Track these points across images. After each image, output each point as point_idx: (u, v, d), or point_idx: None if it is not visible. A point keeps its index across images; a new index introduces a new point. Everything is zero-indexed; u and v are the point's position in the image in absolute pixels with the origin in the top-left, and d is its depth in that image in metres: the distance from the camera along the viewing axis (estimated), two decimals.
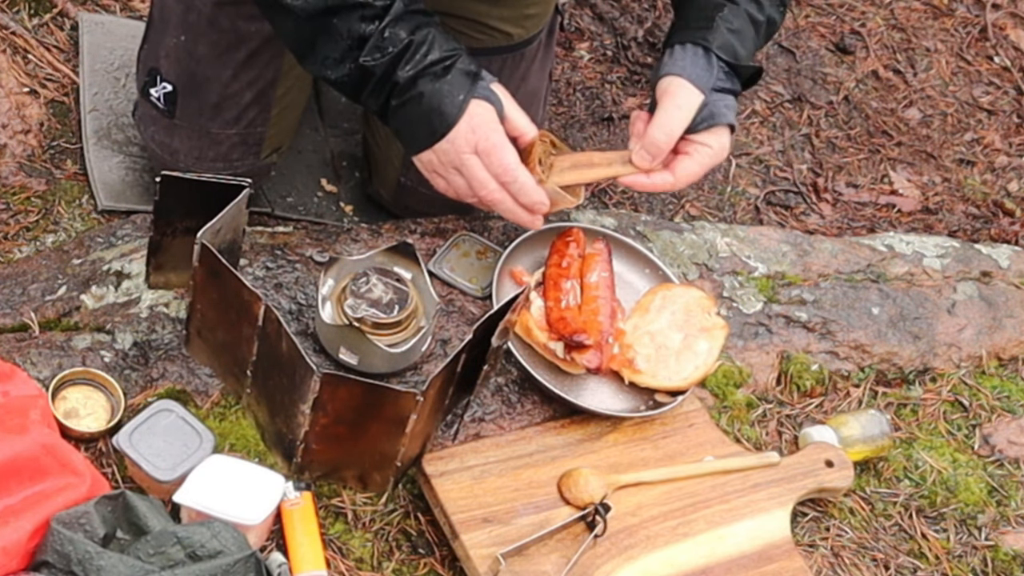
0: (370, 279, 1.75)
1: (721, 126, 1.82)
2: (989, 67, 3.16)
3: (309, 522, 1.65)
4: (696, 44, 1.81)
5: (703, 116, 1.81)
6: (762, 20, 1.86)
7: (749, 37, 1.84)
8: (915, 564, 1.90)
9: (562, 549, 1.69)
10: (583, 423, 1.83)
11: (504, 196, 1.74)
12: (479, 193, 1.74)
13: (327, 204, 2.39)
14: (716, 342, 1.87)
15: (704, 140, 1.82)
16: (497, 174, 1.72)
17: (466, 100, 1.70)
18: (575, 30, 2.89)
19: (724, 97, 1.82)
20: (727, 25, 1.82)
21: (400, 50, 1.69)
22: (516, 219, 1.77)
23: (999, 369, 2.17)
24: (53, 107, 2.34)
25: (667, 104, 1.80)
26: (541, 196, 1.74)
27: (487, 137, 1.71)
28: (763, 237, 2.17)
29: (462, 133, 1.71)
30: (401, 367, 1.80)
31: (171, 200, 1.68)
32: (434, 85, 1.70)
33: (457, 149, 1.72)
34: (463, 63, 1.72)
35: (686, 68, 1.80)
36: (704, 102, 1.80)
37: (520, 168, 1.72)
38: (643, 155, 1.81)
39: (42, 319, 1.80)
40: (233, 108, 2.10)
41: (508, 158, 1.71)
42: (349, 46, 1.71)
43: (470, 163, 1.72)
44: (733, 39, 1.82)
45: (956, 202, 2.86)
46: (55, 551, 1.48)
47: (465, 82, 1.71)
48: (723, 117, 1.82)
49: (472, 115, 1.71)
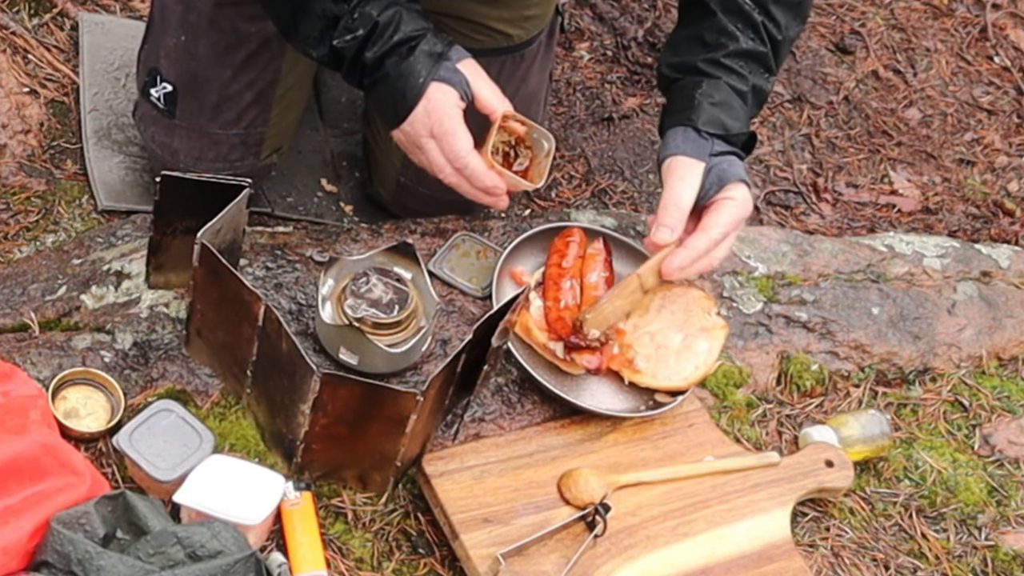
0: (370, 279, 1.75)
1: (734, 182, 1.80)
2: (989, 67, 3.16)
3: (309, 522, 1.65)
4: (684, 125, 1.81)
5: (711, 181, 1.79)
6: (746, 90, 1.84)
7: (736, 107, 1.83)
8: (915, 564, 1.90)
9: (562, 549, 1.69)
10: (583, 423, 1.83)
11: (460, 180, 1.75)
12: (438, 176, 1.76)
13: (327, 204, 2.39)
14: (716, 342, 1.87)
15: (722, 196, 1.79)
16: (450, 159, 1.74)
17: (425, 83, 1.71)
18: (575, 30, 2.89)
19: (726, 158, 1.81)
20: (708, 100, 1.81)
21: (367, 31, 1.71)
22: (478, 200, 1.78)
23: (999, 369, 2.17)
24: (53, 107, 2.34)
25: (671, 180, 1.79)
26: (493, 181, 1.75)
27: (440, 123, 1.72)
28: (763, 237, 2.17)
29: (419, 117, 1.73)
30: (401, 367, 1.80)
31: (171, 200, 1.68)
32: (399, 66, 1.72)
33: (416, 132, 1.74)
34: (428, 43, 1.73)
35: (679, 146, 1.80)
36: (707, 168, 1.79)
37: (471, 154, 1.73)
38: (662, 230, 1.77)
39: (42, 319, 1.80)
40: (233, 108, 2.10)
41: (459, 144, 1.72)
42: (325, 26, 1.73)
43: (427, 147, 1.74)
44: (718, 112, 1.81)
45: (956, 202, 2.85)
46: (55, 551, 1.48)
47: (427, 63, 1.72)
48: (733, 175, 1.80)
49: (429, 99, 1.72)
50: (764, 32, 1.85)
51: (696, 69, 1.83)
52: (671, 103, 1.87)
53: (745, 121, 1.84)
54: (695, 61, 1.84)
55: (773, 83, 1.90)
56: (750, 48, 1.84)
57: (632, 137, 2.73)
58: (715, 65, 1.83)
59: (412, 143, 1.76)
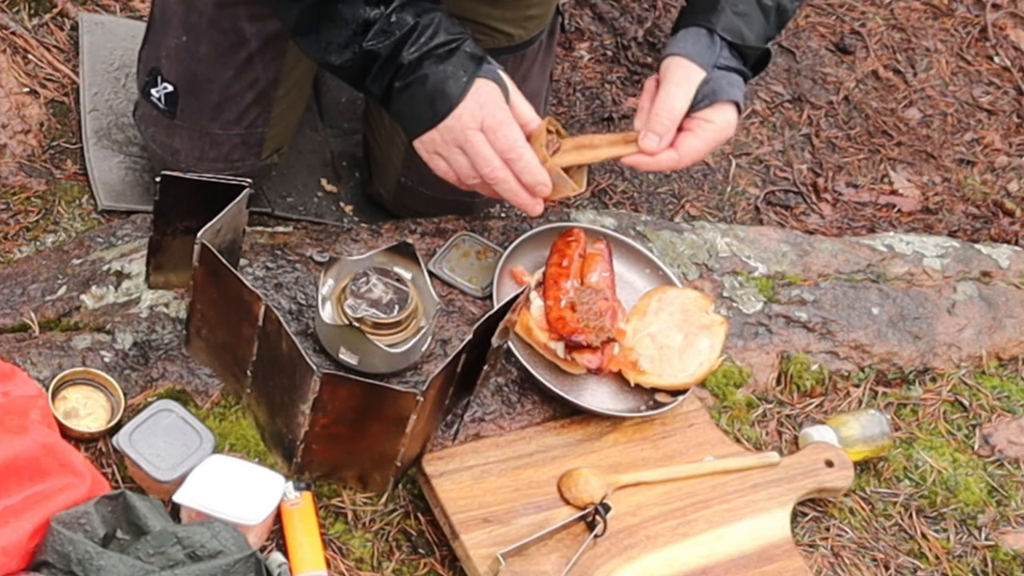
0: (370, 279, 1.75)
1: (724, 102, 1.80)
2: (989, 67, 3.16)
3: (309, 522, 1.65)
4: (699, 26, 1.80)
5: (705, 93, 1.79)
6: (771, 5, 1.84)
7: (757, 21, 1.83)
8: (915, 564, 1.90)
9: (562, 549, 1.69)
10: (583, 423, 1.83)
11: (507, 174, 1.73)
12: (483, 171, 1.73)
13: (327, 204, 2.39)
14: (717, 338, 1.87)
15: (707, 116, 1.79)
16: (502, 150, 1.71)
17: (471, 79, 1.70)
18: (575, 30, 2.89)
19: (728, 75, 1.80)
20: (732, 8, 1.81)
21: (405, 32, 1.70)
22: (517, 200, 1.75)
23: (999, 369, 2.17)
24: (53, 107, 2.34)
25: (668, 83, 1.79)
26: (544, 177, 1.73)
27: (494, 114, 1.71)
28: (763, 237, 2.17)
29: (469, 109, 1.70)
30: (401, 367, 1.80)
31: (171, 200, 1.68)
32: (438, 66, 1.70)
33: (463, 125, 1.71)
34: (469, 46, 1.72)
35: (687, 48, 1.79)
36: (706, 79, 1.78)
37: (525, 146, 1.72)
38: (650, 137, 1.78)
39: (42, 319, 1.80)
40: (234, 109, 2.10)
41: (514, 134, 1.71)
42: (354, 31, 1.71)
43: (475, 139, 1.71)
44: (739, 21, 1.81)
45: (956, 202, 2.86)
46: (55, 551, 1.48)
47: (470, 64, 1.71)
48: (726, 93, 1.79)
49: (479, 91, 1.71)
50: None
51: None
52: (692, 4, 1.86)
53: (763, 36, 1.84)
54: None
55: (796, 6, 1.89)
56: None
57: None
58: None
59: (451, 140, 1.72)
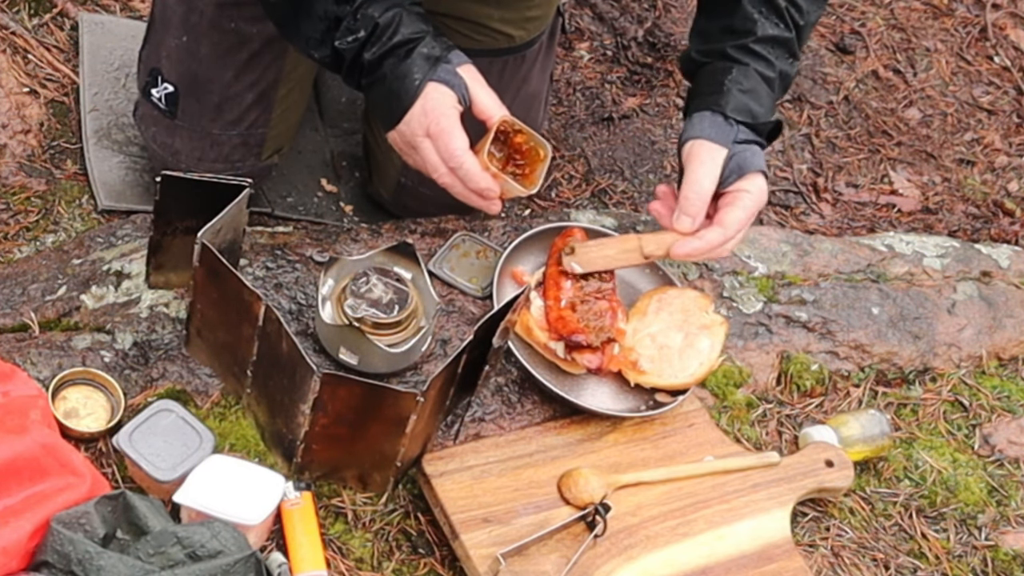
0: (370, 279, 1.75)
1: (753, 172, 1.81)
2: (989, 67, 3.16)
3: (309, 522, 1.65)
4: (711, 110, 1.81)
5: (731, 169, 1.80)
6: (774, 76, 1.85)
7: (764, 94, 1.84)
8: (915, 564, 1.90)
9: (562, 549, 1.69)
10: (583, 423, 1.83)
11: (454, 180, 1.75)
12: (432, 176, 1.76)
13: (327, 204, 2.40)
14: (717, 338, 1.87)
15: (741, 187, 1.80)
16: (445, 159, 1.73)
17: (422, 83, 1.71)
18: (575, 30, 2.89)
19: (748, 147, 1.81)
20: (738, 87, 1.82)
21: (369, 31, 1.72)
22: (470, 203, 1.77)
23: (999, 369, 2.17)
24: (53, 107, 2.34)
25: (693, 165, 1.80)
26: (488, 183, 1.74)
27: (437, 121, 1.72)
28: (763, 237, 2.17)
29: (416, 116, 1.72)
30: (401, 367, 1.80)
31: (171, 200, 1.68)
32: (397, 67, 1.72)
33: (412, 131, 1.74)
34: (426, 46, 1.73)
35: (704, 130, 1.80)
36: (729, 155, 1.79)
37: (467, 154, 1.73)
38: (683, 219, 1.79)
39: (42, 319, 1.80)
40: (235, 109, 2.10)
41: (454, 143, 1.72)
42: (327, 27, 1.74)
43: (423, 146, 1.74)
44: (746, 99, 1.82)
45: (956, 202, 2.85)
46: (55, 551, 1.48)
47: (424, 65, 1.72)
48: (752, 165, 1.80)
49: (427, 97, 1.72)
50: (788, 17, 1.86)
51: (725, 55, 1.84)
52: (698, 87, 1.87)
53: (771, 108, 1.86)
54: (724, 47, 1.85)
55: (796, 68, 1.91)
56: (776, 34, 1.85)
57: (632, 137, 2.73)
58: (744, 51, 1.84)
59: (407, 143, 1.76)
